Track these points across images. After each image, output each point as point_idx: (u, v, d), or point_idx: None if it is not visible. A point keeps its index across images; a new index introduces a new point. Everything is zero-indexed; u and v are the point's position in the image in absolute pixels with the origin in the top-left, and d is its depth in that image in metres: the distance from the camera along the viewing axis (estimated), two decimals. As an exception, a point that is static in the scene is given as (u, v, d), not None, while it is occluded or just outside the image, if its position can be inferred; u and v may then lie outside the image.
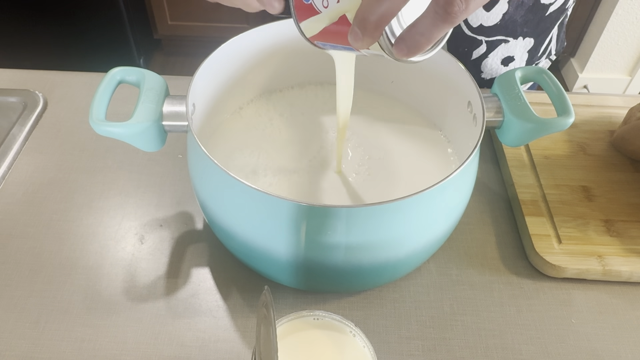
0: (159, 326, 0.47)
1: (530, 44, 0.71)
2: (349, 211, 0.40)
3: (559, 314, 0.49)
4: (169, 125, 0.46)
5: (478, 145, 0.42)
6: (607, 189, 0.57)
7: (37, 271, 0.51)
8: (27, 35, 1.86)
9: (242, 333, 0.47)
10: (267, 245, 0.44)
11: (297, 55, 0.56)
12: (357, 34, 0.29)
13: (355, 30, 0.29)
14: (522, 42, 0.71)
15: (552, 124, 0.46)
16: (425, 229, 0.44)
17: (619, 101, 0.69)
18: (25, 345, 0.46)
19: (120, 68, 0.47)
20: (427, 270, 0.52)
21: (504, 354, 0.46)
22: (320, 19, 0.35)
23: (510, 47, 0.71)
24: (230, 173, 0.39)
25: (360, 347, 0.36)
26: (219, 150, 0.54)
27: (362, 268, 0.44)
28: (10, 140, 0.63)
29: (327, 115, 0.58)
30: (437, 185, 0.39)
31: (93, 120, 0.44)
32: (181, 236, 0.54)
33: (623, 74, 2.02)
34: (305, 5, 0.35)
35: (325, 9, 0.34)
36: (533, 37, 0.71)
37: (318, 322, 0.37)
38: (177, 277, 0.51)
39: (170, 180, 0.60)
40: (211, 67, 0.49)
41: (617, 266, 0.50)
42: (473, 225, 0.56)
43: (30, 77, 0.72)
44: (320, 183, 0.51)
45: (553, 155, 0.61)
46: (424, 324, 0.48)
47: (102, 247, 0.53)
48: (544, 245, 0.52)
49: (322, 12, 0.34)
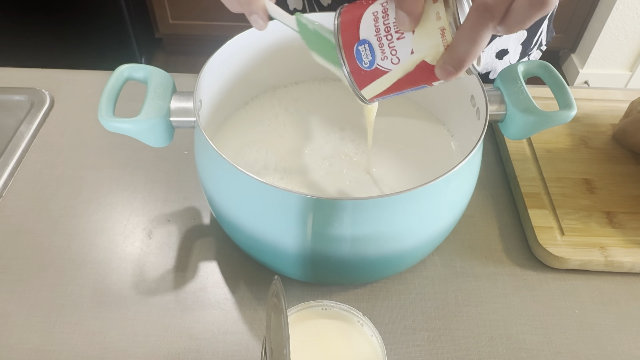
0: (168, 319, 0.48)
1: (524, 36, 0.72)
2: (354, 203, 0.40)
3: (562, 305, 0.50)
4: (176, 121, 0.46)
5: (482, 138, 0.43)
6: (608, 182, 0.58)
7: (47, 266, 0.52)
8: (28, 34, 1.86)
9: (250, 325, 0.48)
10: (273, 238, 0.44)
11: (301, 52, 0.56)
12: (451, 71, 0.32)
13: (448, 69, 0.32)
14: (516, 35, 0.71)
15: (555, 116, 0.46)
16: (429, 221, 0.45)
17: (620, 95, 0.69)
18: (37, 339, 0.47)
19: (127, 65, 0.48)
20: (431, 263, 0.53)
21: (508, 344, 0.47)
22: (392, 75, 0.35)
23: (504, 40, 0.71)
24: (238, 167, 0.39)
25: (368, 336, 0.37)
26: (226, 145, 0.55)
27: (367, 260, 0.45)
28: (18, 138, 0.63)
29: (331, 110, 0.59)
30: (441, 178, 0.39)
31: (102, 116, 0.44)
32: (189, 231, 0.55)
33: (624, 70, 2.03)
34: (367, 72, 0.35)
35: (396, 65, 0.34)
36: (526, 29, 0.71)
37: (326, 312, 0.38)
38: (185, 271, 0.52)
39: (177, 176, 0.60)
40: (217, 63, 0.50)
41: (619, 257, 0.51)
42: (477, 218, 0.57)
43: (37, 75, 0.73)
44: (325, 176, 0.52)
45: (555, 149, 0.61)
46: (429, 315, 0.49)
47: (111, 242, 0.54)
48: (547, 237, 0.52)
49: (393, 69, 0.34)
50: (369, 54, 0.34)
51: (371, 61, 0.34)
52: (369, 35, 0.34)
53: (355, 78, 0.36)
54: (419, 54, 0.33)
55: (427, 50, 0.33)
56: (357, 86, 0.36)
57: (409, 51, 0.33)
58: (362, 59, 0.35)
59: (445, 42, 0.32)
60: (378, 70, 0.35)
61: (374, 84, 0.36)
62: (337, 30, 0.35)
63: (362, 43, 0.34)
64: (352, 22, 0.34)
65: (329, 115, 0.58)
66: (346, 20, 0.35)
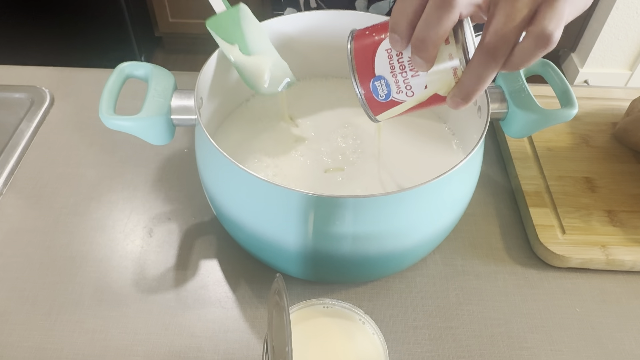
0: (169, 317, 0.48)
1: None
2: (356, 202, 0.40)
3: (563, 303, 0.50)
4: (177, 119, 0.46)
5: (483, 136, 0.43)
6: (609, 180, 0.58)
7: (47, 264, 0.52)
8: (29, 33, 1.86)
9: (251, 323, 0.48)
10: (275, 236, 0.44)
11: (303, 49, 0.57)
12: (461, 102, 0.34)
13: (458, 101, 0.34)
14: None
15: (556, 115, 0.46)
16: (430, 219, 0.45)
17: (621, 93, 0.69)
18: (37, 337, 0.47)
19: (128, 63, 0.48)
20: (432, 261, 0.53)
21: (510, 342, 0.47)
22: (405, 105, 0.37)
23: None
24: (239, 165, 0.39)
25: (369, 334, 0.37)
26: (227, 143, 0.55)
27: (369, 258, 0.45)
28: (19, 136, 0.63)
29: (333, 107, 0.59)
30: (443, 177, 0.39)
31: (103, 114, 0.44)
32: (189, 229, 0.55)
33: (623, 69, 2.03)
34: (382, 102, 0.37)
35: (410, 97, 0.36)
36: None
37: (328, 310, 0.38)
38: (186, 269, 0.52)
39: (178, 174, 0.60)
40: (219, 61, 0.50)
41: (620, 256, 0.51)
42: (478, 216, 0.57)
43: (37, 73, 0.73)
44: (327, 174, 0.52)
45: (556, 147, 0.61)
46: (430, 313, 0.49)
47: (112, 240, 0.54)
48: (548, 236, 0.52)
49: (407, 100, 0.37)
50: (384, 88, 0.36)
51: (387, 94, 0.36)
52: (384, 71, 0.36)
53: (370, 105, 0.38)
54: (432, 88, 0.35)
55: (440, 86, 0.35)
56: (372, 113, 0.38)
57: (423, 86, 0.35)
58: (378, 92, 0.36)
59: (456, 78, 0.34)
60: (393, 101, 0.37)
61: (388, 112, 0.38)
62: (351, 56, 0.36)
63: (378, 79, 0.36)
64: (366, 56, 0.36)
65: (330, 113, 0.58)
66: (360, 51, 0.36)
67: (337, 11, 0.55)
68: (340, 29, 0.56)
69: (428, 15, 0.32)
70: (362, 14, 0.54)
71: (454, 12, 0.31)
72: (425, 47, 0.32)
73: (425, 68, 0.34)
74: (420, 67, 0.34)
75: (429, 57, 0.33)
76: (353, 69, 0.36)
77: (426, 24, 0.32)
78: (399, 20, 0.33)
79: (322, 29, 0.56)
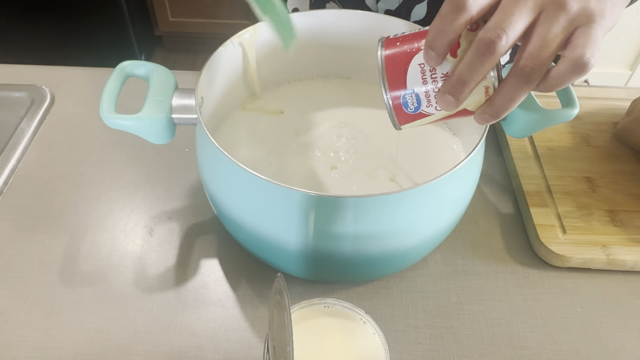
0: (169, 316, 0.48)
1: None
2: (357, 201, 0.40)
3: (564, 303, 0.50)
4: (178, 118, 0.46)
5: (484, 136, 0.43)
6: (610, 180, 0.58)
7: (48, 263, 0.52)
8: (29, 31, 1.86)
9: (251, 323, 0.48)
10: (275, 236, 0.44)
11: (305, 49, 0.57)
12: (489, 119, 0.35)
13: (486, 117, 0.35)
14: None
15: (557, 115, 0.46)
16: (431, 219, 0.45)
17: (621, 93, 0.69)
18: (38, 336, 0.47)
19: (129, 62, 0.48)
20: (433, 261, 0.53)
21: (510, 342, 0.47)
22: (433, 118, 0.37)
23: None
24: (240, 164, 0.39)
25: (370, 333, 0.37)
26: (228, 142, 0.54)
27: (369, 258, 0.45)
28: (19, 134, 0.63)
29: (334, 107, 0.59)
30: (444, 176, 0.39)
31: (103, 113, 0.44)
32: (190, 228, 0.55)
33: (624, 68, 2.03)
34: (410, 114, 0.37)
35: (439, 111, 0.36)
36: None
37: (328, 310, 0.38)
38: (187, 268, 0.52)
39: (178, 173, 0.60)
40: (220, 60, 0.50)
41: (621, 255, 0.51)
42: (478, 216, 0.57)
43: (37, 72, 0.73)
44: (328, 173, 0.52)
45: (557, 147, 0.61)
46: (431, 313, 0.49)
47: (112, 239, 0.54)
48: (548, 235, 0.52)
49: (436, 114, 0.37)
50: (415, 102, 0.36)
51: (416, 108, 0.36)
52: (416, 85, 0.36)
53: (397, 115, 0.38)
54: (462, 105, 0.35)
55: (470, 102, 0.35)
56: (398, 122, 0.38)
57: None
58: (408, 105, 0.36)
59: (487, 96, 0.35)
60: (421, 114, 0.37)
61: (414, 123, 0.38)
62: (382, 66, 0.36)
63: (410, 92, 0.36)
64: (398, 68, 0.36)
65: (332, 113, 0.58)
66: (391, 62, 0.36)
67: (339, 11, 0.55)
68: (342, 29, 0.56)
69: (472, 61, 0.32)
70: (363, 14, 0.54)
71: (497, 58, 0.31)
72: (464, 89, 0.33)
73: (454, 107, 0.34)
74: (449, 106, 0.34)
75: (464, 98, 0.34)
76: (384, 79, 0.36)
77: (470, 68, 0.32)
78: (439, 40, 0.32)
79: (323, 29, 0.56)
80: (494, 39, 0.31)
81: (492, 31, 0.31)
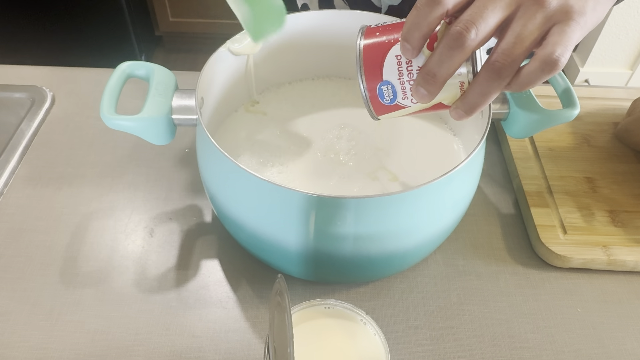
0: (170, 317, 0.48)
1: None
2: (357, 202, 0.40)
3: (564, 303, 0.50)
4: (178, 118, 0.46)
5: (484, 137, 0.43)
6: (611, 180, 0.58)
7: (49, 264, 0.52)
8: (29, 32, 1.86)
9: (252, 323, 0.48)
10: (276, 237, 0.44)
11: (306, 49, 0.57)
12: (463, 115, 0.35)
13: (460, 113, 0.35)
14: None
15: (558, 115, 0.46)
16: (432, 220, 0.45)
17: (622, 93, 0.69)
18: (39, 337, 0.47)
19: (129, 62, 0.48)
20: (434, 261, 0.53)
21: (511, 343, 0.47)
22: (409, 110, 0.37)
23: None
24: (240, 165, 0.39)
25: (371, 334, 0.37)
26: (228, 143, 0.54)
27: (370, 259, 0.45)
28: (19, 135, 0.63)
29: (336, 107, 0.59)
30: (444, 177, 0.39)
31: (104, 113, 0.44)
32: (190, 229, 0.55)
33: (624, 68, 2.02)
34: (387, 106, 0.37)
35: (415, 104, 0.36)
36: None
37: (329, 311, 0.38)
38: (187, 269, 0.52)
39: (178, 174, 0.60)
40: (220, 60, 0.50)
41: (622, 256, 0.51)
42: (479, 216, 0.57)
43: (38, 73, 0.73)
44: (328, 174, 0.52)
45: (557, 147, 0.61)
46: (432, 313, 0.49)
47: (113, 240, 0.54)
48: (549, 236, 0.52)
49: (412, 106, 0.37)
50: (391, 93, 0.36)
51: (392, 99, 0.36)
52: (392, 77, 0.35)
53: (374, 106, 0.37)
54: (438, 98, 0.35)
55: (445, 96, 0.35)
56: (375, 113, 0.38)
57: None
58: (384, 96, 0.36)
59: (462, 91, 0.35)
60: (397, 105, 0.37)
61: (391, 114, 0.38)
62: (360, 56, 0.36)
63: (386, 84, 0.36)
64: (375, 59, 0.35)
65: (333, 114, 0.58)
66: (369, 53, 0.36)
67: (337, 11, 0.55)
68: (342, 29, 0.55)
69: (442, 54, 0.32)
70: (363, 14, 0.54)
71: (467, 52, 0.31)
72: (435, 82, 0.33)
73: (428, 100, 0.34)
74: (422, 99, 0.34)
75: (435, 91, 0.33)
76: (361, 69, 0.36)
77: (439, 61, 0.32)
78: (413, 33, 0.32)
79: (323, 29, 0.56)
80: (463, 32, 0.30)
81: (462, 24, 0.31)
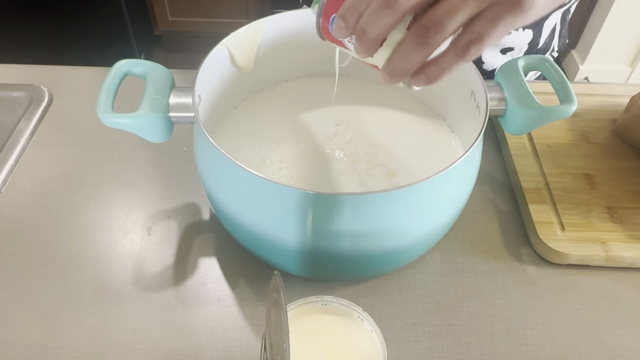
0: (168, 315, 0.48)
1: (530, 36, 0.72)
2: (355, 199, 0.40)
3: (563, 300, 0.50)
4: (175, 116, 0.46)
5: (482, 133, 0.43)
6: (609, 177, 0.58)
7: (47, 263, 0.52)
8: (27, 31, 1.86)
9: (250, 321, 0.48)
10: (273, 234, 0.44)
11: (302, 47, 0.56)
12: (387, 78, 0.36)
13: (385, 75, 0.36)
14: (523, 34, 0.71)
15: (555, 111, 0.46)
16: (429, 217, 0.45)
17: (621, 90, 0.69)
18: (37, 335, 0.47)
19: (126, 60, 0.48)
20: (432, 258, 0.53)
21: (509, 339, 0.47)
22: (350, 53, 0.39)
23: (509, 38, 0.71)
24: (237, 162, 0.39)
25: (368, 331, 0.37)
26: (225, 140, 0.54)
27: (368, 256, 0.45)
28: (17, 134, 0.63)
29: (333, 105, 0.59)
30: (442, 173, 0.39)
31: (101, 111, 0.44)
32: (188, 227, 0.55)
33: (624, 65, 2.02)
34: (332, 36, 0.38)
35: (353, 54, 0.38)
36: (531, 28, 0.71)
37: (326, 308, 0.38)
38: (185, 267, 0.52)
39: (176, 172, 0.60)
40: (217, 58, 0.50)
41: (620, 252, 0.51)
42: (477, 213, 0.57)
43: (35, 72, 0.73)
44: (326, 171, 0.52)
45: (556, 144, 0.61)
46: (430, 310, 0.49)
47: (111, 238, 0.54)
48: (547, 232, 0.52)
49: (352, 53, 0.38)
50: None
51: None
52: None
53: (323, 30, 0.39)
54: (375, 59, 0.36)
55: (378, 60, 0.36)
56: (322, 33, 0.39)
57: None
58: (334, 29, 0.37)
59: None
60: (342, 43, 0.38)
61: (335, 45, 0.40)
62: None
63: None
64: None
65: (330, 111, 0.58)
66: None
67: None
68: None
69: (371, 14, 0.32)
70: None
71: (396, 15, 0.32)
72: (364, 39, 0.34)
73: (363, 55, 0.35)
74: (359, 53, 0.35)
75: (368, 49, 0.34)
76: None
77: (369, 21, 0.33)
78: (349, 15, 0.34)
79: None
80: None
81: None
